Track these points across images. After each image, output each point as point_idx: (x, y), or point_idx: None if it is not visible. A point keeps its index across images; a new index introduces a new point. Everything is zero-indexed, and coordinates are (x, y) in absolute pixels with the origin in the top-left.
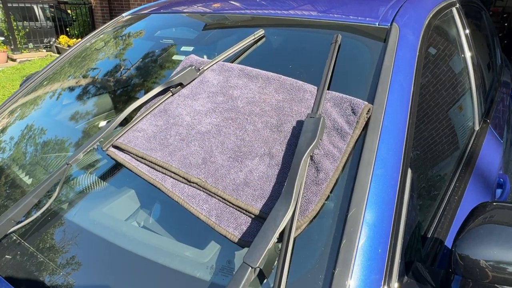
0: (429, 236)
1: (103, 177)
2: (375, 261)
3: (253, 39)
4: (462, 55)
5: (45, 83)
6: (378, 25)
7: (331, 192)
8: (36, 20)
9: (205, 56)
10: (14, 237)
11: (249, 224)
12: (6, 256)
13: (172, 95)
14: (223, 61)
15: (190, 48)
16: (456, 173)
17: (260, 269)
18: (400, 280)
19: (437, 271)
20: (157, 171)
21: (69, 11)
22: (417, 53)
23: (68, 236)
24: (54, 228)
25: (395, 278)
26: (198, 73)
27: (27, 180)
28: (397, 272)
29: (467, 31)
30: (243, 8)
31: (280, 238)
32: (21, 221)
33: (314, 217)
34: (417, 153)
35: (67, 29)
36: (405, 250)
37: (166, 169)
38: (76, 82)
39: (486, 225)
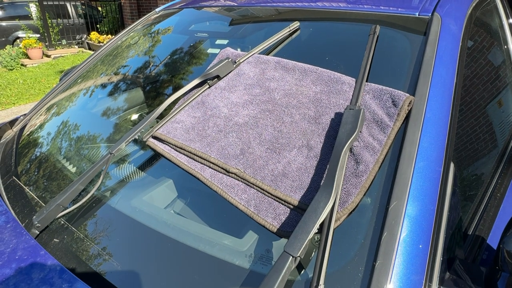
0: (471, 233)
1: (143, 166)
2: (416, 255)
3: (289, 31)
4: (505, 46)
5: (85, 77)
6: (418, 15)
7: (371, 184)
8: (69, 17)
9: (239, 49)
10: (62, 222)
11: (287, 214)
12: (55, 239)
13: (209, 87)
14: (259, 53)
15: (225, 41)
16: (498, 169)
17: (300, 259)
18: (442, 276)
19: (480, 268)
20: (196, 161)
21: (99, 8)
22: (460, 44)
23: (111, 221)
24: (98, 213)
25: (436, 274)
26: (234, 66)
27: (71, 168)
28: (439, 268)
29: (511, 20)
30: (276, 1)
31: (319, 229)
32: (69, 207)
33: (354, 209)
34: (458, 148)
35: (98, 25)
36: (447, 246)
37: (205, 159)
38: (115, 76)
39: None
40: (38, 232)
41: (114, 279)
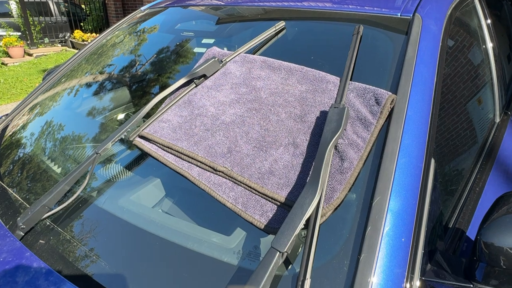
0: (451, 226)
1: (130, 166)
2: (399, 248)
3: (274, 31)
4: (484, 46)
5: (69, 76)
6: (400, 15)
7: (355, 180)
8: (51, 15)
9: (225, 48)
10: (48, 223)
11: (274, 211)
12: (40, 241)
13: (196, 87)
14: (245, 52)
15: (211, 41)
16: (477, 165)
17: (287, 254)
18: (424, 268)
19: (460, 259)
20: (183, 160)
21: (83, 6)
22: (440, 44)
23: (98, 221)
24: (85, 214)
25: (418, 266)
26: (221, 65)
27: (56, 168)
28: (420, 260)
29: (489, 21)
30: (262, 0)
31: (306, 225)
32: (54, 208)
33: (339, 205)
34: (439, 144)
35: (81, 24)
36: (428, 239)
37: (192, 158)
38: (100, 75)
39: (510, 215)
40: (23, 234)
41: (102, 279)
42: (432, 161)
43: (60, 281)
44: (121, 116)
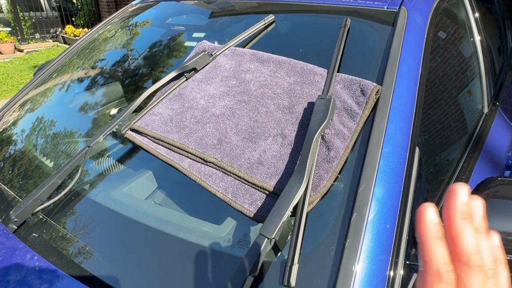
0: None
1: (122, 159)
2: (384, 234)
3: (264, 24)
4: (471, 39)
5: (60, 71)
6: (387, 8)
7: (341, 169)
8: (42, 10)
9: (216, 42)
10: (41, 216)
11: (263, 200)
12: (33, 234)
13: (186, 80)
14: (235, 46)
15: (202, 35)
16: (464, 154)
17: (275, 241)
18: (408, 252)
19: None
20: (174, 152)
21: (74, 1)
22: (425, 36)
23: (91, 213)
24: (77, 206)
25: (403, 250)
26: (211, 58)
27: (48, 163)
28: (405, 245)
29: (477, 14)
30: None
31: (293, 213)
32: (47, 201)
33: (326, 193)
34: (426, 134)
35: (73, 18)
36: (413, 225)
37: (183, 150)
38: (92, 70)
39: (490, 199)
40: (16, 227)
41: (95, 269)
42: (417, 149)
43: (54, 272)
44: (113, 111)
